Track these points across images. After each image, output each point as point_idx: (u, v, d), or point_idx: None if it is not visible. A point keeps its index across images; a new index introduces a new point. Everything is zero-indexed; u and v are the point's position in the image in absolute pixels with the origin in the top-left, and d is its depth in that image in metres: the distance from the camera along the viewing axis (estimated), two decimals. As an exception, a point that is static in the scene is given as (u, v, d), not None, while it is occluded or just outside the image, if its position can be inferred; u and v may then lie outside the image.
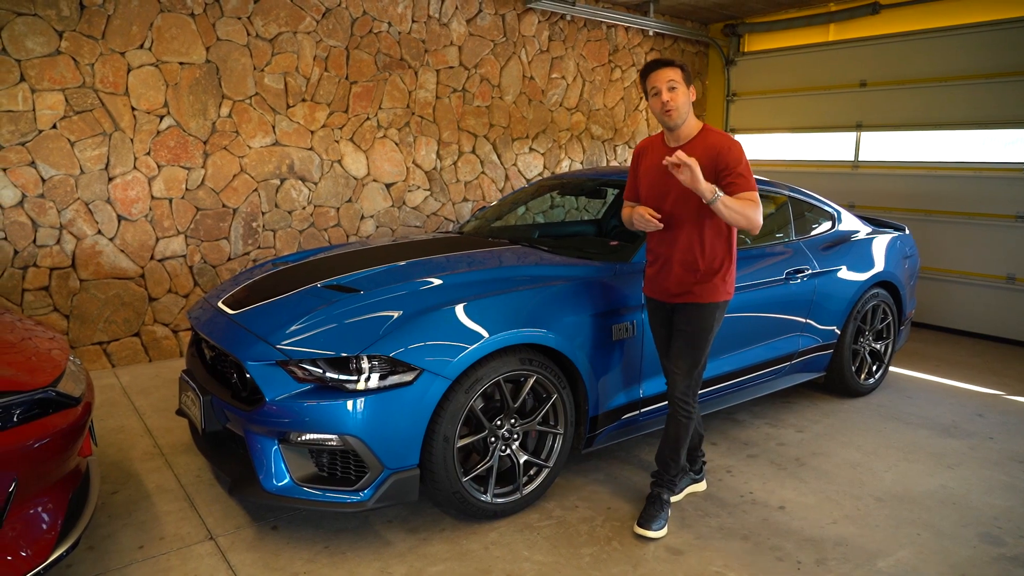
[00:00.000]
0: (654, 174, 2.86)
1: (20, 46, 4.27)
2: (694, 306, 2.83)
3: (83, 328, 4.73)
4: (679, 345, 2.87)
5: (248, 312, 3.04)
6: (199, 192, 5.06)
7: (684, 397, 2.88)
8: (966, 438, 3.93)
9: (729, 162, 2.68)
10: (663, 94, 2.71)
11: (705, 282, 2.80)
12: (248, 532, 2.84)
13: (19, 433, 2.12)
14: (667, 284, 2.86)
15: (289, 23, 5.26)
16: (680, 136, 2.80)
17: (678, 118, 2.73)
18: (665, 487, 2.97)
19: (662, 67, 2.74)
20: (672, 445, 2.95)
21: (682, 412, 2.90)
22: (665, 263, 2.86)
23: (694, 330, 2.84)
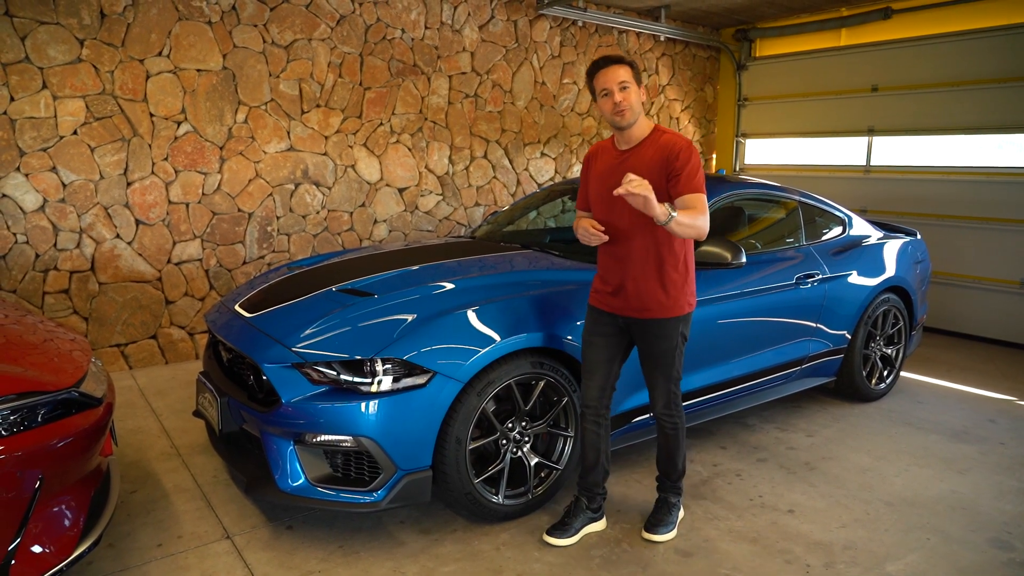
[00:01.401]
0: (604, 181, 2.69)
1: (42, 54, 4.36)
2: (656, 323, 2.67)
3: (101, 330, 4.82)
4: (649, 367, 2.76)
5: (265, 315, 3.09)
6: (215, 197, 5.13)
7: (666, 411, 2.80)
8: (977, 443, 3.93)
9: (680, 162, 2.55)
10: (615, 95, 2.55)
11: (666, 295, 2.66)
12: (264, 531, 2.89)
13: (44, 433, 2.18)
14: (626, 299, 2.68)
15: (304, 30, 5.34)
16: (631, 138, 2.65)
17: (631, 118, 2.58)
18: (670, 491, 2.95)
19: (612, 65, 2.58)
20: (667, 455, 2.90)
21: (668, 425, 2.83)
22: (621, 277, 2.69)
23: (661, 349, 2.70)
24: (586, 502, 2.91)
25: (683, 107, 8.20)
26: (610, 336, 2.78)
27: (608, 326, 2.77)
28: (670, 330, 2.68)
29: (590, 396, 2.82)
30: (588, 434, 2.86)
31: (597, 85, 2.60)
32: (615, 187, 2.51)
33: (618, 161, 2.67)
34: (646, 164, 2.59)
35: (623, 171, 2.57)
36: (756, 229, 4.31)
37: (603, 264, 2.79)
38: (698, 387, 3.55)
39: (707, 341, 3.55)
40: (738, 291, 3.65)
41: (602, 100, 2.60)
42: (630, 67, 2.58)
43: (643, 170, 2.55)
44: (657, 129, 2.66)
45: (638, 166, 2.58)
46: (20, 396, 2.16)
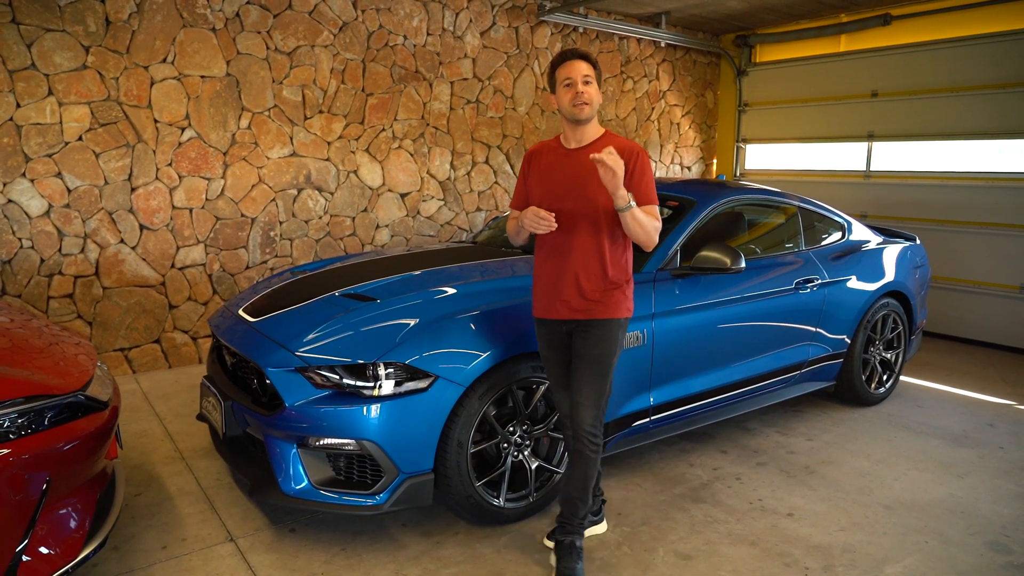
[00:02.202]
0: (550, 177, 2.61)
1: (49, 61, 4.40)
2: (597, 324, 2.56)
3: (105, 334, 4.85)
4: (582, 372, 2.56)
5: (268, 320, 3.12)
6: (218, 202, 5.17)
7: (592, 430, 2.57)
8: (976, 447, 3.95)
9: (636, 170, 2.50)
10: (577, 85, 2.49)
11: (608, 295, 2.55)
12: (267, 534, 2.92)
13: (51, 436, 2.21)
14: (566, 298, 2.56)
15: (307, 37, 5.38)
16: (582, 138, 2.59)
17: (590, 112, 2.51)
18: (576, 533, 2.65)
19: (578, 59, 2.53)
20: (580, 484, 2.62)
21: (590, 447, 2.58)
22: (560, 275, 2.58)
23: (599, 352, 2.56)
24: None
25: (683, 112, 8.24)
26: (563, 348, 2.66)
27: (557, 337, 2.66)
28: (611, 332, 2.57)
29: (564, 411, 2.70)
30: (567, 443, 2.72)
31: (560, 75, 2.54)
32: (563, 183, 2.53)
33: (566, 158, 2.60)
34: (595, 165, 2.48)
35: (571, 168, 2.55)
36: (756, 234, 4.33)
37: (542, 262, 2.65)
38: (698, 391, 3.57)
39: (707, 345, 3.58)
40: (738, 296, 3.67)
41: (563, 91, 2.53)
42: (594, 66, 2.55)
43: (593, 169, 2.47)
44: (608, 133, 2.62)
45: (591, 166, 2.49)
46: (28, 399, 2.19)
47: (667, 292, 3.40)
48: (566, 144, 2.63)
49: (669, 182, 4.57)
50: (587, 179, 2.51)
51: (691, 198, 3.87)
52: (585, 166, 2.52)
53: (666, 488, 3.39)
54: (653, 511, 3.16)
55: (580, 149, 2.59)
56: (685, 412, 3.56)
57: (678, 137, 8.26)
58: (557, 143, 2.67)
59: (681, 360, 3.45)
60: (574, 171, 2.56)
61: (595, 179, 2.45)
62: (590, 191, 2.51)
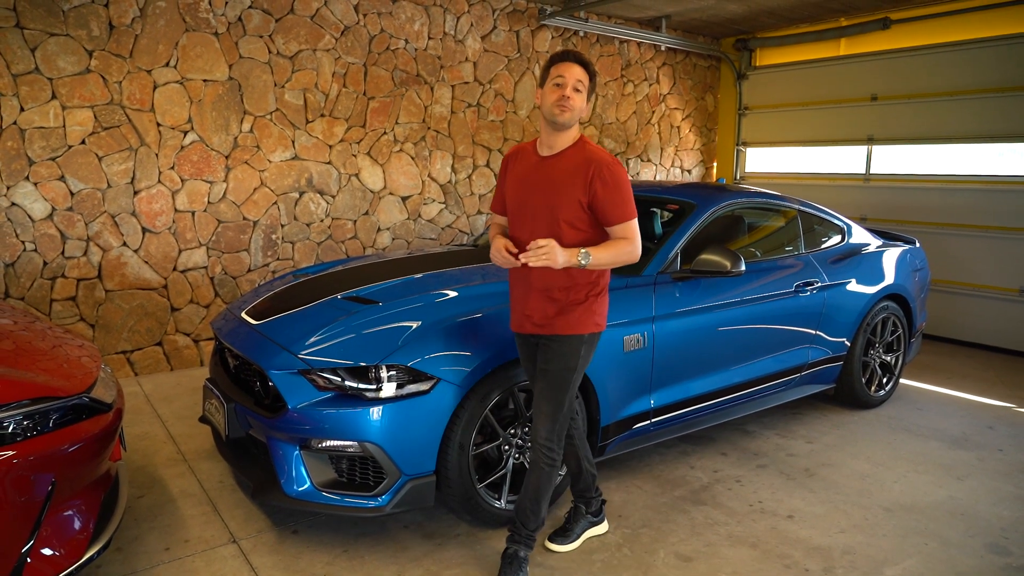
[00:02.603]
0: (521, 185, 2.56)
1: (52, 65, 4.43)
2: (556, 340, 2.50)
3: (107, 337, 4.86)
4: (541, 386, 2.54)
5: (271, 322, 3.14)
6: (220, 205, 5.19)
7: (548, 443, 2.54)
8: (975, 450, 3.96)
9: (608, 186, 2.41)
10: (567, 88, 2.41)
11: (568, 312, 2.48)
12: (269, 536, 2.93)
13: (56, 437, 2.23)
14: (530, 313, 2.53)
15: (309, 41, 5.40)
16: (555, 144, 2.50)
17: (570, 119, 2.43)
18: (522, 543, 2.64)
19: (577, 63, 2.45)
20: (533, 496, 2.60)
21: (545, 460, 2.56)
22: (527, 290, 2.53)
23: (556, 368, 2.50)
24: (584, 507, 2.93)
25: (684, 116, 8.26)
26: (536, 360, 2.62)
27: (529, 349, 2.65)
28: (572, 348, 2.50)
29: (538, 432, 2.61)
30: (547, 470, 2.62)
31: (554, 72, 2.45)
32: (531, 194, 2.49)
33: (536, 168, 2.53)
34: (566, 174, 2.45)
35: (540, 178, 2.50)
36: (756, 237, 4.35)
37: (513, 276, 2.62)
38: (699, 394, 3.59)
39: (708, 348, 3.60)
40: (738, 299, 3.69)
41: (550, 88, 2.45)
42: (591, 76, 2.48)
43: (561, 180, 2.45)
44: (583, 140, 2.53)
45: (556, 176, 2.46)
46: (33, 401, 2.20)
47: (667, 295, 3.42)
48: (540, 150, 2.56)
49: (669, 185, 4.59)
50: (553, 192, 2.45)
51: (691, 201, 3.89)
52: (553, 177, 2.47)
53: (667, 490, 3.40)
54: (654, 513, 3.18)
55: (552, 157, 2.51)
56: (686, 415, 3.57)
57: (678, 140, 8.28)
58: (532, 148, 2.60)
59: (682, 363, 3.47)
60: (542, 182, 2.49)
61: (561, 192, 2.42)
62: (554, 205, 2.44)
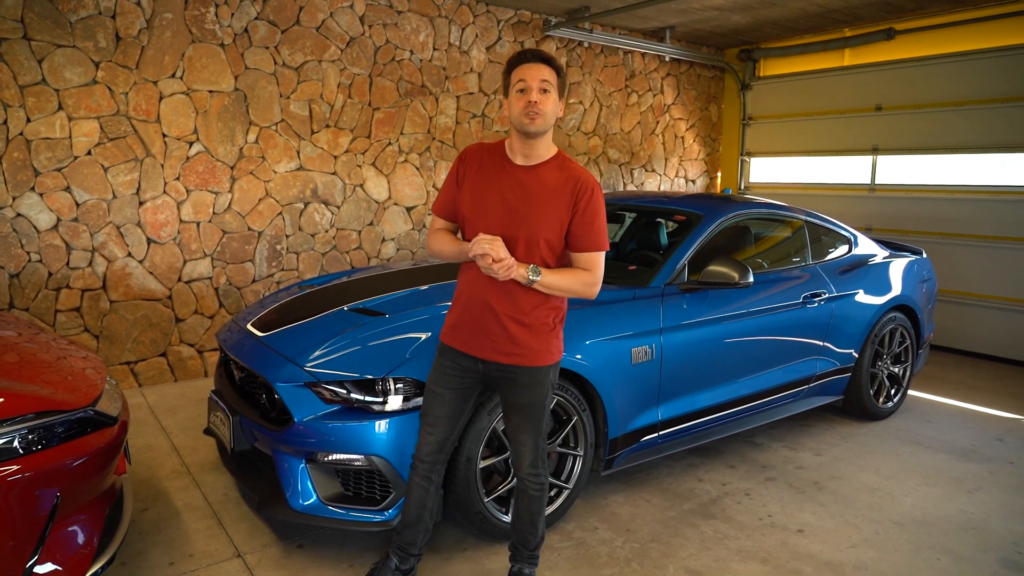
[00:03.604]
0: (488, 192, 2.29)
1: (59, 76, 4.44)
2: (527, 371, 2.31)
3: (112, 348, 4.85)
4: (517, 420, 2.39)
5: (277, 334, 3.13)
6: (226, 216, 5.19)
7: (532, 471, 2.45)
8: (986, 463, 3.92)
9: (588, 210, 2.25)
10: (532, 92, 2.18)
11: (541, 339, 2.32)
12: (274, 550, 2.90)
13: (61, 451, 2.21)
14: (494, 340, 2.30)
15: (315, 52, 5.41)
16: (532, 153, 2.28)
17: (541, 126, 2.20)
18: (526, 562, 2.59)
19: (538, 62, 2.21)
20: (528, 519, 2.52)
21: (533, 486, 2.47)
22: (490, 309, 2.29)
23: (533, 400, 2.36)
24: (397, 561, 2.55)
25: (688, 126, 8.26)
26: (462, 389, 2.41)
27: (462, 374, 2.38)
28: (543, 378, 2.35)
29: (425, 451, 2.44)
30: (415, 488, 2.48)
31: (515, 77, 2.22)
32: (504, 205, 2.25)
33: (512, 177, 2.29)
34: (550, 190, 2.25)
35: (515, 189, 2.26)
36: (762, 248, 4.33)
37: (469, 288, 2.34)
38: (707, 406, 3.57)
39: (715, 360, 3.57)
40: (746, 310, 3.67)
41: (515, 96, 2.21)
42: (557, 72, 2.24)
43: (545, 196, 2.25)
44: (562, 155, 2.34)
45: (540, 190, 2.26)
46: (38, 415, 2.19)
47: (675, 307, 3.40)
48: (512, 157, 2.31)
49: (676, 196, 4.58)
50: (538, 206, 2.24)
51: (698, 212, 3.87)
52: (535, 191, 2.25)
53: (675, 504, 3.37)
54: (662, 527, 3.15)
55: (531, 169, 2.28)
56: (693, 427, 3.55)
57: (682, 151, 8.28)
58: (500, 153, 2.34)
59: (689, 375, 3.45)
60: (520, 193, 2.26)
61: (546, 208, 2.24)
62: (536, 222, 2.23)
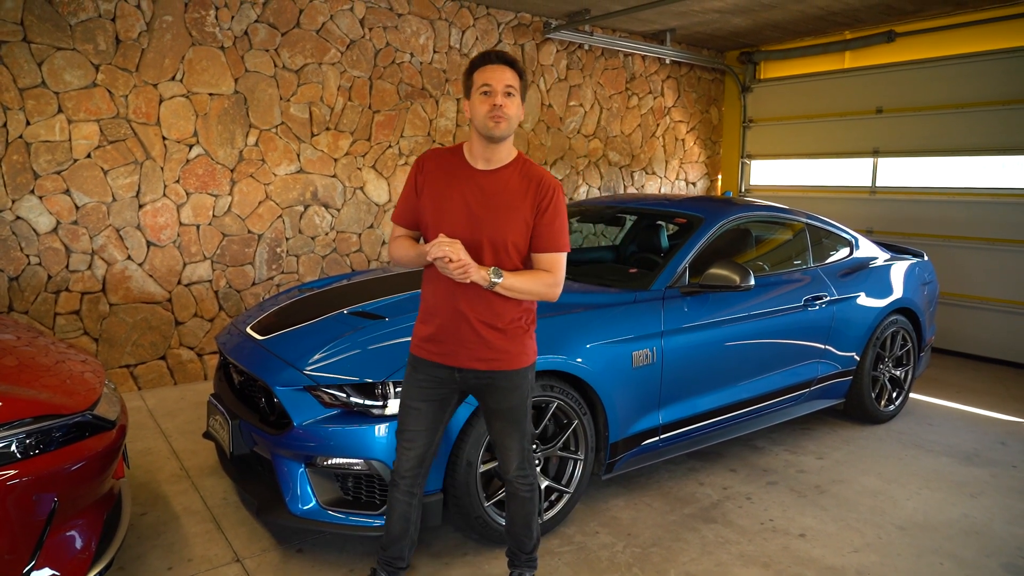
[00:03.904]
0: (450, 198, 2.25)
1: (59, 79, 4.43)
2: (506, 375, 2.30)
3: (111, 351, 4.84)
4: (501, 426, 2.38)
5: (276, 338, 3.11)
6: (225, 219, 5.18)
7: (521, 472, 2.44)
8: (988, 466, 3.91)
9: (549, 211, 2.24)
10: (497, 96, 2.16)
11: (514, 341, 2.30)
12: (274, 555, 2.89)
13: (59, 456, 2.20)
14: (469, 346, 2.26)
15: (315, 55, 5.41)
16: (494, 157, 2.25)
17: (506, 130, 2.18)
18: (524, 566, 2.57)
19: (503, 64, 2.18)
20: (523, 522, 2.51)
21: (524, 488, 2.46)
22: (462, 317, 2.25)
23: (515, 404, 2.34)
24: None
25: (688, 128, 8.26)
26: (438, 400, 2.37)
27: (437, 385, 2.34)
28: (523, 380, 2.34)
29: (406, 467, 2.39)
30: (398, 504, 2.43)
31: (478, 80, 2.19)
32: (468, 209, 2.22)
33: (474, 182, 2.26)
34: (513, 193, 2.23)
35: (478, 193, 2.24)
36: (763, 251, 4.32)
37: (435, 299, 2.31)
38: (708, 409, 3.55)
39: (717, 363, 3.56)
40: (747, 313, 3.66)
41: (478, 99, 2.18)
42: (520, 76, 2.21)
43: (509, 199, 2.23)
44: (523, 157, 2.32)
45: (503, 194, 2.23)
46: (36, 419, 2.18)
47: (676, 310, 3.39)
48: (472, 161, 2.28)
49: (676, 199, 4.57)
50: (504, 210, 2.22)
51: (699, 215, 3.86)
52: (499, 194, 2.23)
53: (676, 508, 3.36)
54: (663, 531, 3.13)
55: (493, 172, 2.26)
56: (694, 431, 3.53)
57: (683, 153, 8.27)
58: (460, 158, 2.31)
59: (690, 378, 3.43)
60: (483, 197, 2.23)
61: (512, 210, 2.22)
62: (503, 226, 2.21)
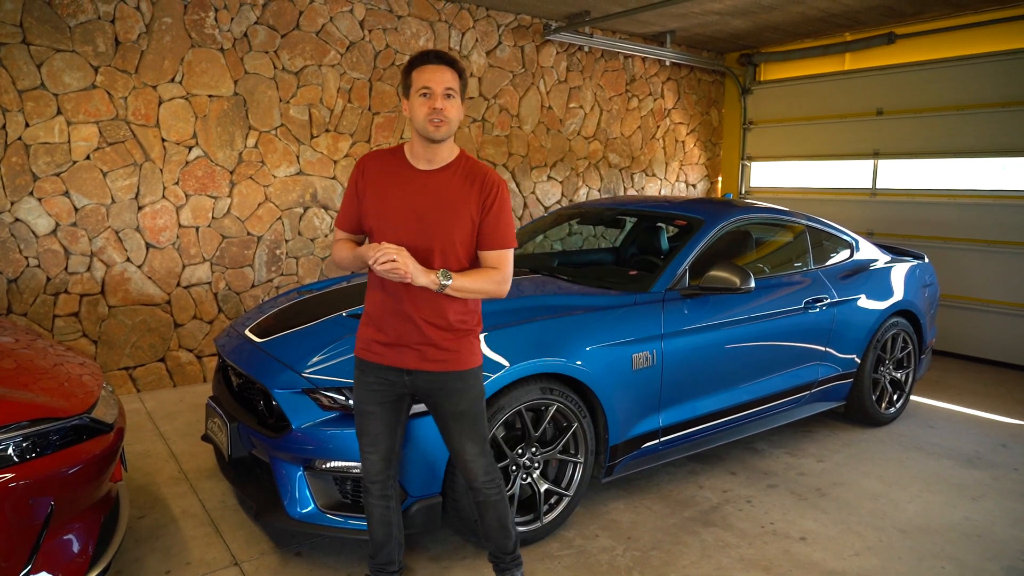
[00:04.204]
0: (393, 199, 2.22)
1: (58, 81, 4.43)
2: (458, 376, 2.28)
3: (110, 353, 4.83)
4: (460, 429, 2.33)
5: (275, 340, 3.10)
6: (225, 220, 5.17)
7: (488, 477, 2.39)
8: (989, 469, 3.89)
9: (494, 208, 2.23)
10: (437, 99, 2.12)
11: (462, 341, 2.29)
12: (272, 558, 2.88)
13: (56, 460, 2.19)
14: (417, 347, 2.24)
15: (314, 56, 5.40)
16: (435, 158, 2.23)
17: (446, 132, 2.16)
18: (510, 568, 2.52)
19: (442, 64, 2.15)
20: (499, 524, 2.46)
21: (492, 491, 2.41)
22: (408, 317, 2.22)
23: (469, 406, 2.31)
24: None
25: (688, 130, 8.25)
26: (393, 402, 2.34)
27: (389, 387, 2.32)
28: (473, 380, 2.32)
29: (374, 471, 2.38)
30: (375, 510, 2.42)
31: (417, 80, 2.14)
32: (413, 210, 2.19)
33: (417, 182, 2.23)
34: (458, 192, 2.22)
35: (422, 193, 2.21)
36: (764, 253, 4.31)
37: (380, 301, 2.27)
38: (708, 412, 3.54)
39: (717, 366, 3.55)
40: (747, 316, 3.65)
41: (417, 100, 2.14)
42: (459, 75, 2.18)
43: (454, 197, 2.21)
44: (465, 154, 2.30)
45: (449, 193, 2.22)
46: (33, 423, 2.16)
47: (676, 312, 3.38)
48: (414, 162, 2.25)
49: (676, 201, 4.56)
50: (450, 210, 2.20)
51: (699, 217, 3.85)
52: (441, 194, 2.21)
53: (676, 511, 3.34)
54: (663, 535, 3.12)
55: (434, 172, 2.24)
56: (695, 433, 3.52)
57: (683, 155, 8.27)
58: (401, 159, 2.27)
59: (690, 381, 3.42)
60: (427, 198, 2.21)
61: (459, 209, 2.20)
62: (446, 223, 2.19)
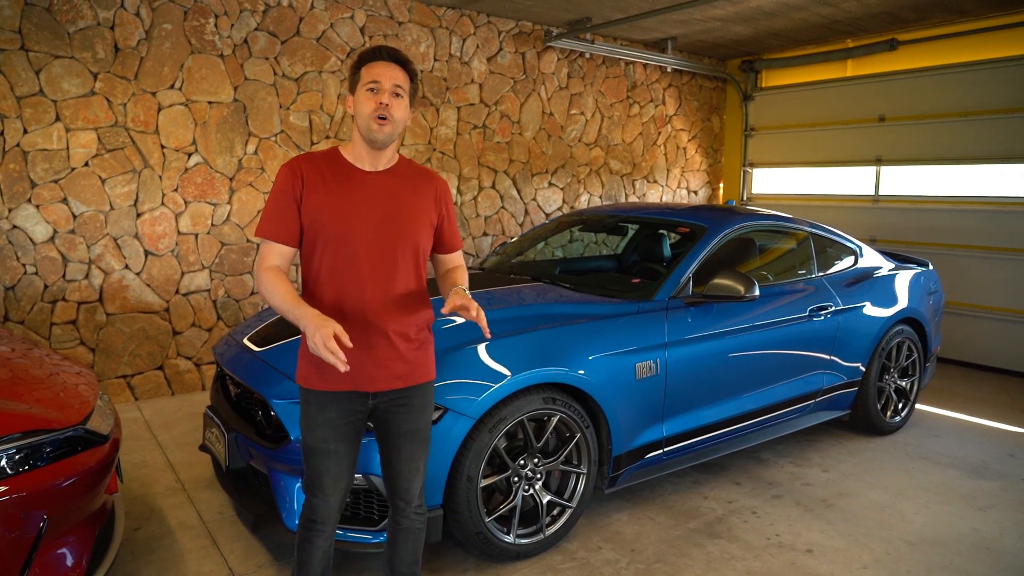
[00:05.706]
0: (347, 204, 2.04)
1: (56, 87, 4.40)
2: (421, 390, 2.17)
3: (108, 361, 4.79)
4: (412, 449, 2.17)
5: (273, 349, 3.06)
6: (224, 227, 5.14)
7: (420, 502, 2.26)
8: (997, 479, 3.85)
9: (450, 211, 2.22)
10: (384, 94, 2.00)
11: (423, 352, 2.19)
12: (270, 571, 2.83)
13: (49, 472, 2.15)
14: (388, 365, 2.09)
15: (314, 63, 5.38)
16: (380, 160, 2.11)
17: (391, 134, 2.03)
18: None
19: (393, 62, 2.04)
20: (412, 558, 2.30)
21: (419, 520, 2.27)
22: (375, 331, 2.07)
23: (426, 422, 2.21)
24: None
25: (690, 137, 8.23)
26: (355, 434, 2.15)
27: (352, 417, 2.12)
28: (431, 394, 2.24)
29: (329, 513, 2.16)
30: (315, 549, 2.19)
31: (366, 75, 2.02)
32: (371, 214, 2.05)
33: (373, 185, 2.08)
34: (413, 193, 2.12)
35: (377, 197, 2.07)
36: (767, 260, 4.28)
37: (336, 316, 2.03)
38: (712, 421, 3.49)
39: (721, 375, 3.51)
40: (751, 324, 3.61)
41: (364, 95, 2.02)
42: (411, 77, 2.07)
43: (411, 200, 2.11)
44: (405, 158, 2.20)
45: (407, 195, 2.11)
46: (26, 435, 2.13)
47: (680, 321, 3.34)
48: (358, 163, 2.11)
49: (679, 208, 4.53)
50: (410, 212, 2.10)
51: (702, 224, 3.82)
52: (399, 194, 2.09)
53: (680, 522, 3.30)
54: (668, 547, 3.07)
55: (386, 173, 2.12)
56: (699, 443, 3.47)
57: (684, 161, 8.24)
58: (342, 161, 2.11)
59: (694, 390, 3.38)
60: (386, 199, 2.08)
61: (419, 212, 2.11)
62: (412, 224, 2.09)
